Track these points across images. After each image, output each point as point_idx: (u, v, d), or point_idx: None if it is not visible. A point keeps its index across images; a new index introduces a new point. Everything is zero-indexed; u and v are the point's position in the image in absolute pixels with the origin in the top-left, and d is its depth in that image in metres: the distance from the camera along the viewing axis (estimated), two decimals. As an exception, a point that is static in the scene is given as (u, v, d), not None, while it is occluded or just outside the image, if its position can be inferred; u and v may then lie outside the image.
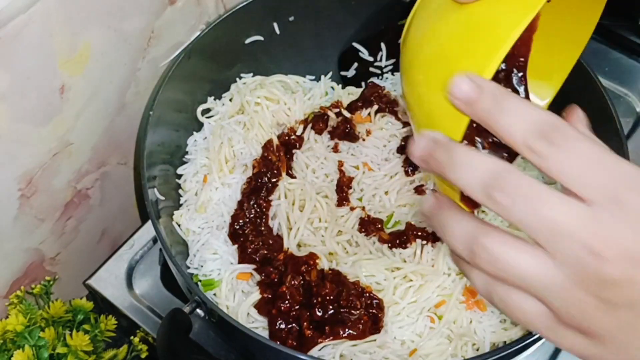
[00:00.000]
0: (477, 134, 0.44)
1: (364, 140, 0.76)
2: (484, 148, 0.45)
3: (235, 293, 0.66)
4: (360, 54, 0.83)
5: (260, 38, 0.79)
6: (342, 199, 0.71)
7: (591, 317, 0.33)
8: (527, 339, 0.57)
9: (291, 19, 0.79)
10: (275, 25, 0.79)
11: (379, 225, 0.70)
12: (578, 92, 0.73)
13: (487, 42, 0.37)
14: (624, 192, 0.32)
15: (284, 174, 0.72)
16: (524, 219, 0.33)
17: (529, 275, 0.33)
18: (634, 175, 0.32)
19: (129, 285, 0.75)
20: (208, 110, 0.80)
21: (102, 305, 0.75)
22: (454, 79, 0.36)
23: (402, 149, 0.75)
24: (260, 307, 0.65)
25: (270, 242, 0.68)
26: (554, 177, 0.33)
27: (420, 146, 0.36)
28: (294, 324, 0.63)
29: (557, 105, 0.79)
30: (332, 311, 0.63)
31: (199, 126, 0.79)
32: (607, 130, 0.69)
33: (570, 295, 0.33)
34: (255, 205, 0.70)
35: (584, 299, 0.33)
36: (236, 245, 0.68)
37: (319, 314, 0.62)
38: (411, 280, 0.65)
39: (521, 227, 0.33)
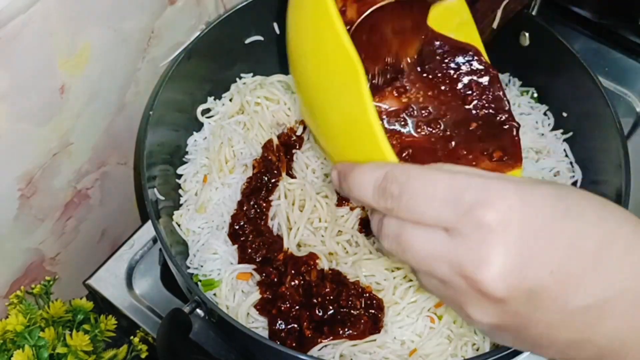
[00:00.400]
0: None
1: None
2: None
3: (235, 293, 0.66)
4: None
5: (260, 38, 0.79)
6: (342, 199, 0.71)
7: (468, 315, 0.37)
8: (527, 339, 0.57)
9: (291, 19, 0.79)
10: (275, 25, 0.79)
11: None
12: (578, 92, 0.74)
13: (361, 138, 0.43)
14: (463, 211, 0.34)
15: (284, 174, 0.72)
16: (402, 257, 0.37)
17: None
18: (467, 187, 0.34)
19: (129, 285, 0.75)
20: (208, 110, 0.80)
21: (102, 305, 0.75)
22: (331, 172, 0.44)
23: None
24: (260, 307, 0.65)
25: (271, 242, 0.68)
26: (408, 220, 0.36)
27: (333, 176, 0.44)
28: (294, 324, 0.63)
29: (558, 105, 0.79)
30: (332, 311, 0.63)
31: (199, 126, 0.79)
32: (607, 130, 0.69)
33: (463, 315, 0.37)
34: (255, 206, 0.70)
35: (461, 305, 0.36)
36: (236, 245, 0.68)
37: (319, 314, 0.62)
38: (411, 280, 0.65)
39: (403, 260, 0.37)
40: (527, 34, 0.77)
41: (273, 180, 0.71)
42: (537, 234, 0.33)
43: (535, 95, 0.80)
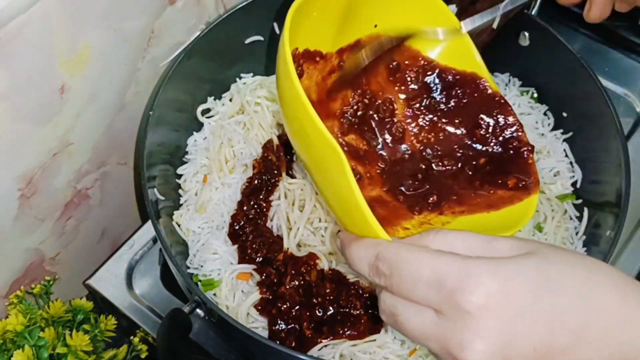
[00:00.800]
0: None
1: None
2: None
3: (235, 293, 0.66)
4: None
5: (260, 38, 0.79)
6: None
7: None
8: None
9: (291, 19, 0.79)
10: (275, 25, 0.79)
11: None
12: (578, 92, 0.73)
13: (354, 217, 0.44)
14: (447, 297, 0.36)
15: (284, 174, 0.72)
16: (396, 327, 0.40)
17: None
18: (449, 272, 0.36)
19: (129, 285, 0.75)
20: (208, 110, 0.80)
21: (102, 305, 0.75)
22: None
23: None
24: (261, 307, 0.65)
25: (271, 242, 0.68)
26: (403, 298, 0.39)
27: (338, 243, 0.47)
28: (294, 324, 0.63)
29: (558, 105, 0.79)
30: (332, 311, 0.63)
31: (199, 126, 0.79)
32: (607, 130, 0.69)
33: None
34: (255, 206, 0.70)
35: None
36: (236, 245, 0.68)
37: (319, 314, 0.62)
38: (411, 280, 0.65)
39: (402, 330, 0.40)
40: (527, 34, 0.77)
41: (273, 181, 0.71)
42: (517, 314, 0.35)
43: (535, 95, 0.80)
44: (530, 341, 0.35)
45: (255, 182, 0.71)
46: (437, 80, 0.62)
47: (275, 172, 0.72)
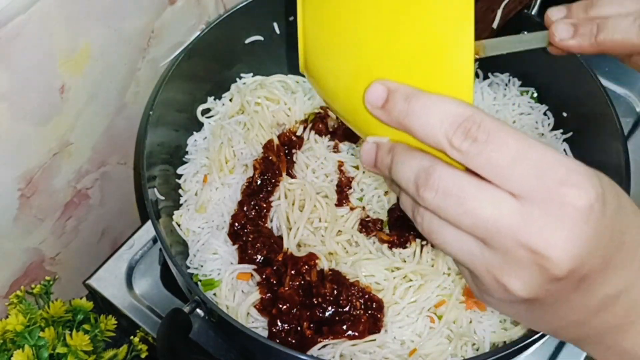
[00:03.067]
0: None
1: (364, 140, 0.76)
2: None
3: (235, 293, 0.66)
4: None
5: (260, 38, 0.79)
6: (342, 199, 0.71)
7: (506, 308, 0.36)
8: (527, 339, 0.57)
9: (291, 19, 0.79)
10: (275, 25, 0.79)
11: (379, 225, 0.70)
12: (578, 92, 0.74)
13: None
14: (550, 185, 0.32)
15: (284, 174, 0.72)
16: (455, 217, 0.33)
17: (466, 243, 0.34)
18: (559, 165, 0.32)
19: (129, 285, 0.75)
20: (208, 110, 0.80)
21: (102, 305, 0.75)
22: (370, 87, 0.36)
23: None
24: (261, 307, 0.65)
25: (271, 242, 0.68)
26: (481, 174, 0.33)
27: (365, 150, 0.38)
28: (294, 324, 0.63)
29: (558, 105, 0.79)
30: (332, 311, 0.63)
31: (199, 126, 0.79)
32: (607, 130, 0.69)
33: (493, 283, 0.34)
34: (255, 206, 0.70)
35: (505, 291, 0.34)
36: (236, 245, 0.68)
37: (319, 314, 0.62)
38: (411, 280, 0.65)
39: (455, 224, 0.33)
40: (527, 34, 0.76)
41: (274, 181, 0.71)
42: (605, 225, 0.33)
43: (535, 95, 0.80)
44: (602, 253, 0.33)
45: (256, 182, 0.71)
46: None
47: (277, 172, 0.72)
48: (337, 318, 0.63)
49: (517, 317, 0.38)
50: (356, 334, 0.62)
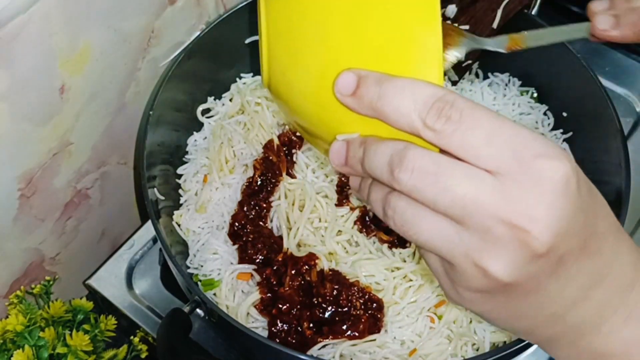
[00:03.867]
0: None
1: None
2: None
3: (235, 293, 0.66)
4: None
5: (260, 38, 0.79)
6: (342, 199, 0.71)
7: (482, 293, 0.34)
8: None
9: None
10: (275, 25, 0.79)
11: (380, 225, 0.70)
12: (578, 92, 0.74)
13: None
14: (525, 159, 0.32)
15: (284, 174, 0.72)
16: (432, 197, 0.33)
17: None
18: (533, 140, 0.32)
19: (129, 285, 0.75)
20: (208, 110, 0.80)
21: (102, 305, 0.75)
22: (339, 76, 0.35)
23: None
24: (261, 307, 0.65)
25: (271, 242, 0.68)
26: (455, 153, 0.32)
27: (335, 150, 0.37)
28: (294, 324, 0.63)
29: (558, 105, 0.79)
30: (332, 311, 0.63)
31: (199, 126, 0.79)
32: (607, 130, 0.69)
33: (471, 269, 0.33)
34: (256, 207, 0.70)
35: (481, 271, 0.33)
36: (236, 245, 0.68)
37: (319, 314, 0.62)
38: (411, 280, 0.65)
39: (431, 205, 0.33)
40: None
41: (274, 181, 0.71)
42: (580, 205, 0.32)
43: (535, 95, 0.80)
44: (578, 231, 0.33)
45: (256, 182, 0.71)
46: None
47: (277, 172, 0.72)
48: (337, 318, 0.63)
49: (493, 314, 0.37)
50: (356, 334, 0.62)
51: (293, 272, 0.65)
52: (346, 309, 0.63)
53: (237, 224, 0.69)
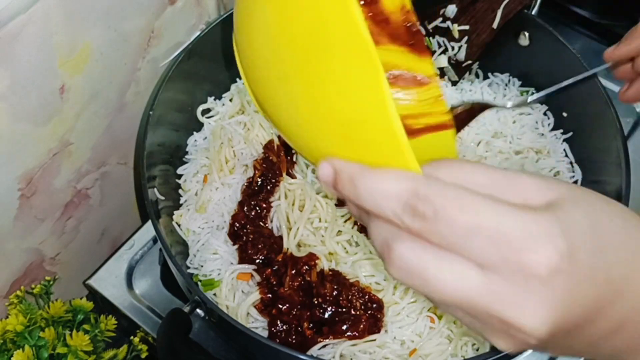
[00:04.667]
0: None
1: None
2: None
3: (235, 293, 0.66)
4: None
5: (260, 38, 0.79)
6: (342, 198, 0.71)
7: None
8: (527, 339, 0.57)
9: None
10: (275, 25, 0.79)
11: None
12: (578, 92, 0.73)
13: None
14: (509, 257, 0.31)
15: (284, 174, 0.72)
16: (424, 294, 0.33)
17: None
18: (515, 230, 0.31)
19: (129, 285, 0.75)
20: (208, 110, 0.80)
21: (102, 305, 0.75)
22: (319, 166, 0.35)
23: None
24: (261, 307, 0.65)
25: (271, 242, 0.68)
26: (442, 246, 0.32)
27: (323, 175, 0.36)
28: (294, 324, 0.63)
29: (558, 105, 0.79)
30: (332, 311, 0.63)
31: (199, 126, 0.79)
32: (607, 130, 0.69)
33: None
34: (256, 207, 0.70)
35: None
36: (236, 246, 0.68)
37: (319, 314, 0.62)
38: (411, 280, 0.65)
39: (427, 298, 0.33)
40: (527, 34, 0.77)
41: (274, 181, 0.71)
42: (581, 276, 0.32)
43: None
44: (583, 302, 0.32)
45: (256, 182, 0.71)
46: None
47: (277, 172, 0.72)
48: (337, 318, 0.63)
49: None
50: (356, 334, 0.62)
51: (293, 272, 0.65)
52: (346, 309, 0.63)
53: (237, 224, 0.69)
